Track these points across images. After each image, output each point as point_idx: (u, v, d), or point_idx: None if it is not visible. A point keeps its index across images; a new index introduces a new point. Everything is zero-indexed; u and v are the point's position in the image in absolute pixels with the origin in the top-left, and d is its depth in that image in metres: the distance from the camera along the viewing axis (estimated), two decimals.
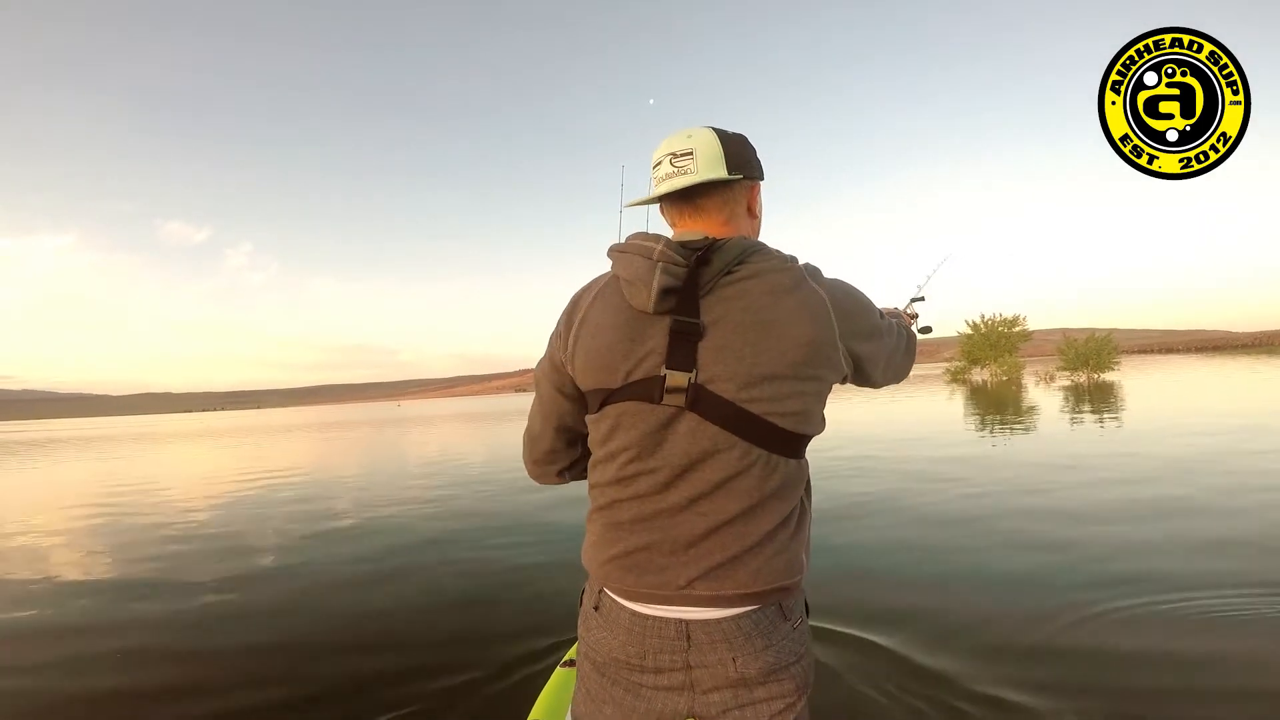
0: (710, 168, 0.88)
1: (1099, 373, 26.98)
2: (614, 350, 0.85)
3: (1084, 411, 12.17)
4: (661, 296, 0.82)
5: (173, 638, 3.13)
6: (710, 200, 0.91)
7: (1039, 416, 11.91)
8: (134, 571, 4.43)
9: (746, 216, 0.96)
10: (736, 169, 0.90)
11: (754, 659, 0.84)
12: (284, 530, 5.60)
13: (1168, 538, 3.75)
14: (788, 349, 0.81)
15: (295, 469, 10.76)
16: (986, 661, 2.36)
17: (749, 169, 0.93)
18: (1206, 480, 5.24)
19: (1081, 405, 13.66)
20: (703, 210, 0.92)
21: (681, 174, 0.89)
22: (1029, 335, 35.29)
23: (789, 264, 0.86)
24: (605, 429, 0.88)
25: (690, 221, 0.93)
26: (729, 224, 0.93)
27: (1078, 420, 10.68)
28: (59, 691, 2.58)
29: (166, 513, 6.90)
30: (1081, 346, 27.65)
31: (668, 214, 0.97)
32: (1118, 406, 12.83)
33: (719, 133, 0.91)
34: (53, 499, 8.73)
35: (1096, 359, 27.01)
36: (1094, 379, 25.61)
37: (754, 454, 0.82)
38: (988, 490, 5.45)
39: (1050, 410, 12.96)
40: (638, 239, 0.87)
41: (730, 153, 0.90)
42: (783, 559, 0.84)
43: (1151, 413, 11.30)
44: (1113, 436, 8.50)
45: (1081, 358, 27.38)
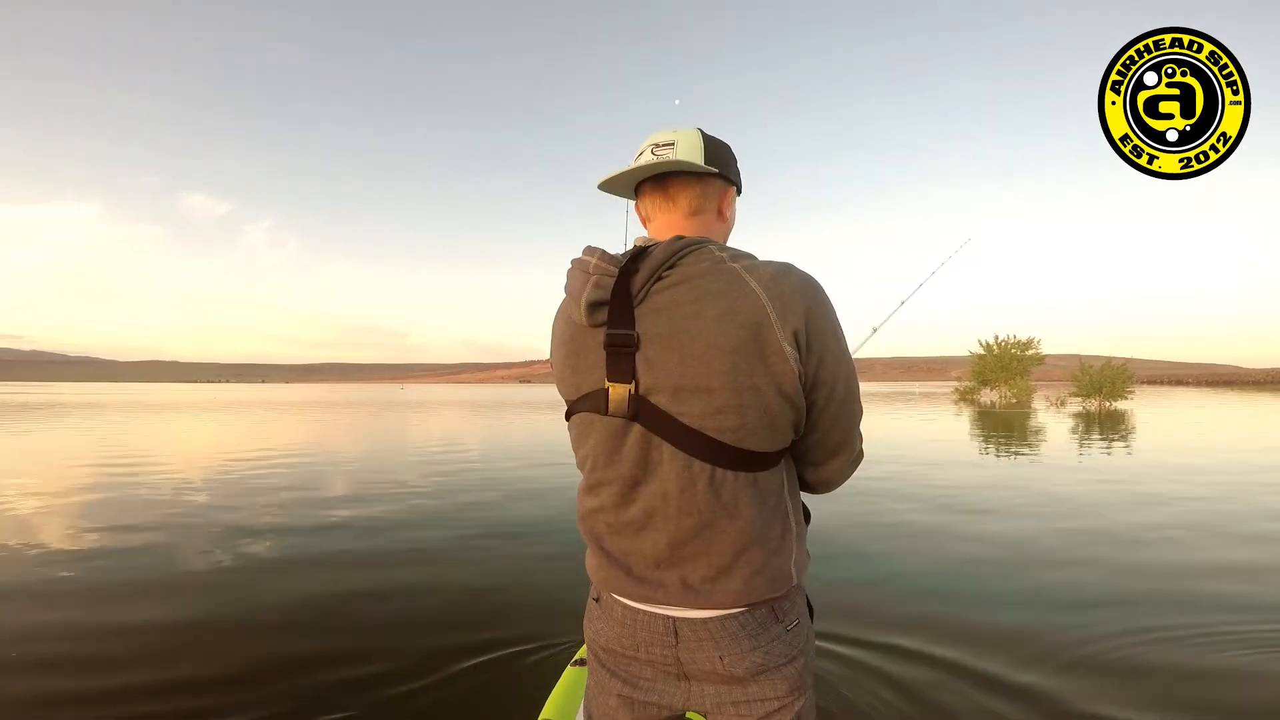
0: (688, 154, 0.89)
1: (1111, 400, 26.71)
2: (567, 363, 0.87)
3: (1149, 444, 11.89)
4: (590, 311, 0.82)
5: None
6: (682, 189, 0.91)
7: (1133, 446, 10.74)
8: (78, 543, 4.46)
9: (716, 217, 0.95)
10: (714, 165, 0.91)
11: (741, 659, 0.84)
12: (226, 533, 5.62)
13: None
14: (713, 359, 0.77)
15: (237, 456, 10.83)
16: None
17: (725, 169, 0.93)
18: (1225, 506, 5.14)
19: (1111, 435, 13.41)
20: (673, 198, 0.92)
21: (660, 159, 0.89)
22: (1042, 359, 34.88)
23: (722, 265, 0.80)
24: (574, 437, 0.91)
25: (659, 210, 0.93)
26: (696, 216, 0.92)
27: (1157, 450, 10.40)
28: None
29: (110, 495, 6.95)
30: (1096, 374, 27.46)
31: (642, 207, 0.97)
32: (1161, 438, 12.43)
33: (703, 132, 0.92)
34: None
35: (1111, 387, 26.76)
36: (1106, 407, 25.35)
37: (696, 467, 0.79)
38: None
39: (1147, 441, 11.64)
40: (585, 253, 0.87)
41: (710, 150, 0.91)
42: (762, 578, 0.82)
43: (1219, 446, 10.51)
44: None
45: (1096, 385, 27.15)
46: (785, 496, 0.86)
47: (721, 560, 0.81)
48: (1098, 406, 25.72)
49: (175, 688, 2.38)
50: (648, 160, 0.89)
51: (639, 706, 0.91)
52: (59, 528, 4.91)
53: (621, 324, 0.80)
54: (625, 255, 0.85)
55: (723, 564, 0.82)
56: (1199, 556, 3.97)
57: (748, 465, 0.81)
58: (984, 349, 36.19)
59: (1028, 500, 5.89)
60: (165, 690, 2.36)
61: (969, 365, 37.16)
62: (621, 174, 0.91)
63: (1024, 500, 5.89)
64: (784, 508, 0.86)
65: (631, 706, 0.91)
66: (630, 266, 0.83)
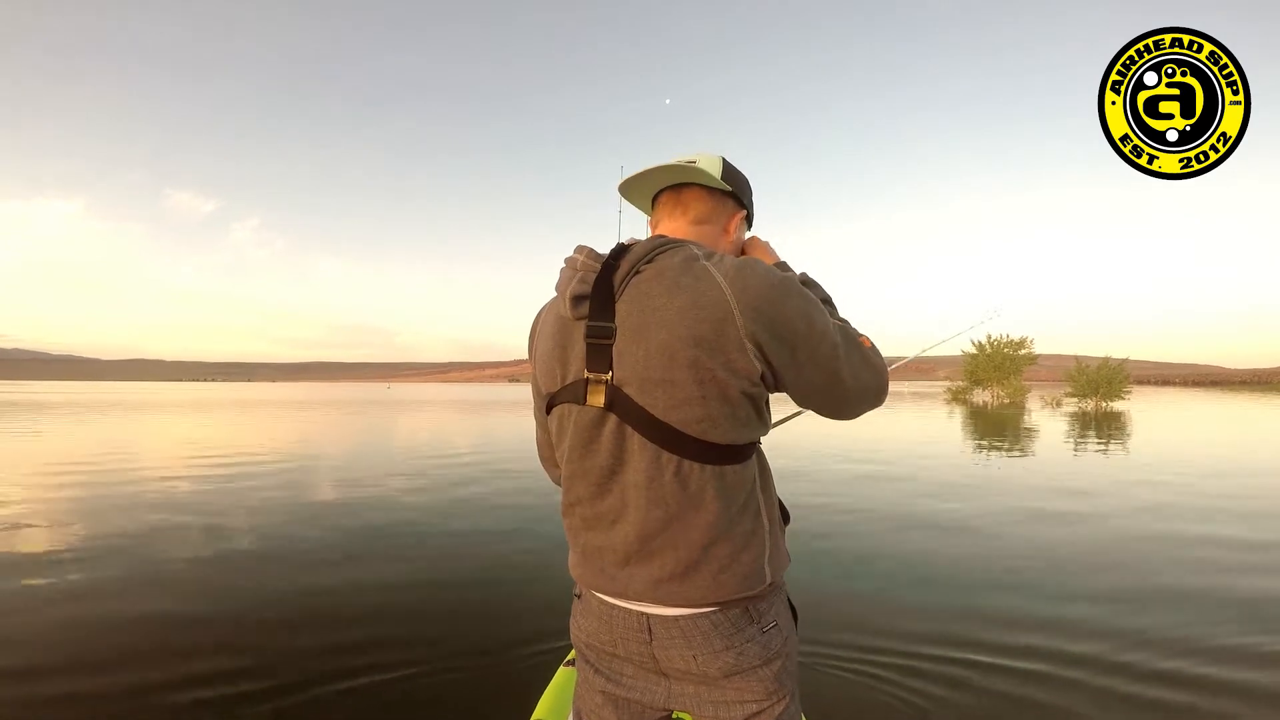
0: (706, 169, 0.93)
1: (1108, 401, 26.55)
2: (552, 356, 0.90)
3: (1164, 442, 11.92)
4: (574, 304, 0.85)
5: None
6: (695, 199, 0.95)
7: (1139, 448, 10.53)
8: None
9: (722, 232, 0.97)
10: (729, 184, 0.95)
11: (713, 659, 0.84)
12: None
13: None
14: (677, 350, 0.78)
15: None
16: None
17: (740, 190, 0.97)
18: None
19: (1112, 434, 13.49)
20: (685, 205, 0.95)
21: (678, 165, 0.93)
22: (1035, 358, 34.92)
23: (694, 261, 0.82)
24: (554, 431, 0.93)
25: (668, 216, 0.97)
26: (702, 225, 0.95)
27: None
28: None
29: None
30: (1093, 374, 27.21)
31: (655, 214, 1.00)
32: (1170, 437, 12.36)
33: (726, 160, 0.96)
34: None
35: (1108, 387, 26.55)
36: (1103, 407, 25.22)
37: (664, 458, 0.81)
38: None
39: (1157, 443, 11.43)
40: (576, 251, 0.91)
41: (729, 173, 0.96)
42: (731, 575, 0.83)
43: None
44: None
45: (1093, 385, 26.91)
46: (756, 492, 0.86)
47: (690, 555, 0.82)
48: (1094, 407, 25.51)
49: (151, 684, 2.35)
50: (669, 163, 0.93)
51: (623, 704, 0.92)
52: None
53: (601, 316, 0.83)
54: (610, 251, 0.89)
55: (690, 559, 0.82)
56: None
57: (715, 458, 0.82)
58: (977, 348, 36.32)
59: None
60: (155, 686, 2.33)
61: (959, 365, 37.30)
62: (640, 174, 0.94)
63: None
64: (755, 504, 0.86)
65: (616, 704, 0.92)
66: (612, 262, 0.86)
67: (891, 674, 2.44)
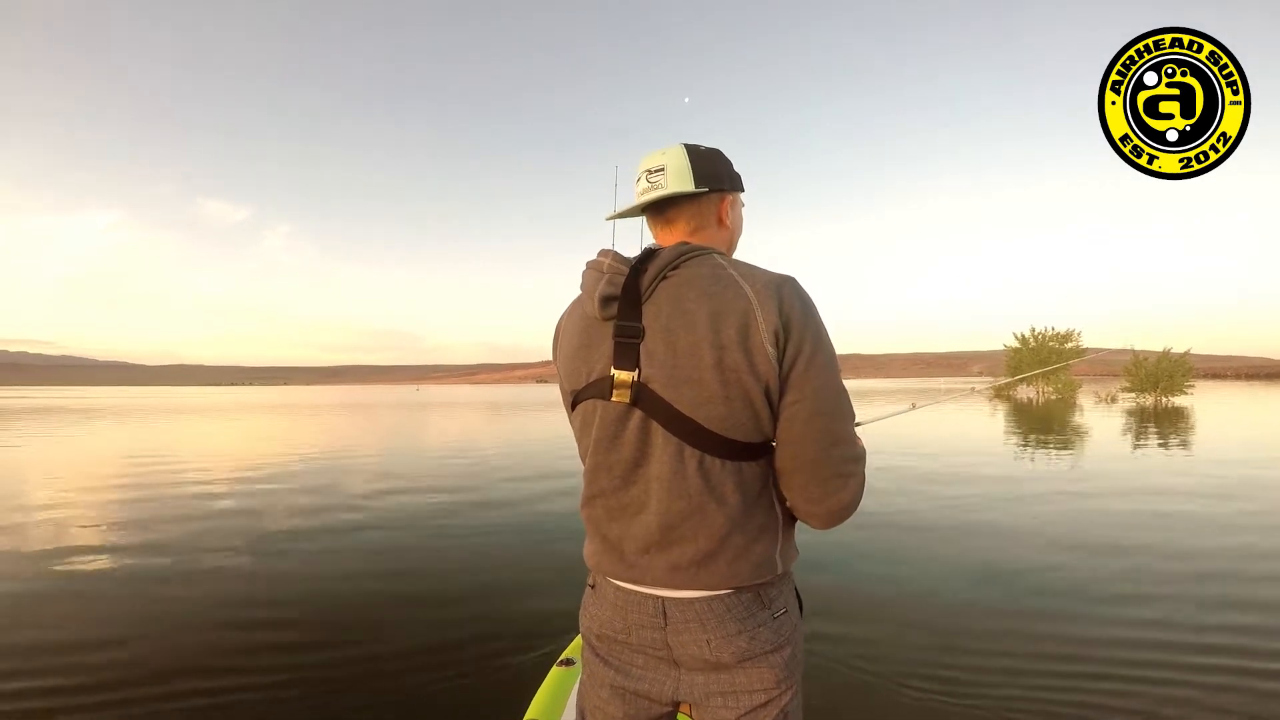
0: (678, 182, 0.95)
1: (1168, 396, 25.10)
2: (578, 354, 0.94)
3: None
4: (603, 304, 0.90)
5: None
6: (679, 212, 0.98)
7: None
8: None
9: (716, 227, 1.00)
10: (704, 182, 0.96)
11: (727, 643, 0.87)
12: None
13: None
14: (704, 353, 0.84)
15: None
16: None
17: (717, 182, 0.98)
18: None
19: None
20: (672, 221, 0.99)
21: (654, 189, 0.96)
22: (1083, 351, 33.07)
23: (722, 271, 0.88)
24: (578, 426, 0.97)
25: (663, 233, 1.00)
26: (697, 233, 0.99)
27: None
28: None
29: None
30: (1152, 367, 25.73)
31: (649, 225, 1.04)
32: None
33: (689, 149, 0.97)
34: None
35: (1169, 381, 25.09)
36: (1163, 403, 23.74)
37: (687, 452, 0.85)
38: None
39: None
40: (600, 254, 0.96)
41: (698, 168, 0.96)
42: (745, 563, 0.87)
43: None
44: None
45: (1152, 379, 25.45)
46: (770, 488, 0.91)
47: (709, 544, 0.86)
48: (1154, 402, 24.06)
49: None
50: (642, 187, 0.97)
51: (630, 698, 0.93)
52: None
53: (630, 316, 0.88)
54: (636, 256, 0.93)
55: (709, 548, 0.86)
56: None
57: (734, 454, 0.86)
58: (1019, 341, 34.74)
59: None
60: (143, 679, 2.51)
61: (998, 359, 35.80)
62: (621, 213, 1.02)
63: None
64: (768, 498, 0.90)
65: (623, 698, 0.93)
66: (640, 266, 0.91)
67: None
